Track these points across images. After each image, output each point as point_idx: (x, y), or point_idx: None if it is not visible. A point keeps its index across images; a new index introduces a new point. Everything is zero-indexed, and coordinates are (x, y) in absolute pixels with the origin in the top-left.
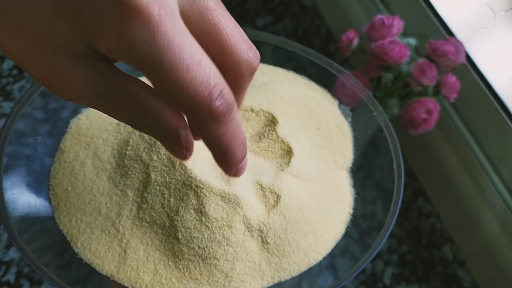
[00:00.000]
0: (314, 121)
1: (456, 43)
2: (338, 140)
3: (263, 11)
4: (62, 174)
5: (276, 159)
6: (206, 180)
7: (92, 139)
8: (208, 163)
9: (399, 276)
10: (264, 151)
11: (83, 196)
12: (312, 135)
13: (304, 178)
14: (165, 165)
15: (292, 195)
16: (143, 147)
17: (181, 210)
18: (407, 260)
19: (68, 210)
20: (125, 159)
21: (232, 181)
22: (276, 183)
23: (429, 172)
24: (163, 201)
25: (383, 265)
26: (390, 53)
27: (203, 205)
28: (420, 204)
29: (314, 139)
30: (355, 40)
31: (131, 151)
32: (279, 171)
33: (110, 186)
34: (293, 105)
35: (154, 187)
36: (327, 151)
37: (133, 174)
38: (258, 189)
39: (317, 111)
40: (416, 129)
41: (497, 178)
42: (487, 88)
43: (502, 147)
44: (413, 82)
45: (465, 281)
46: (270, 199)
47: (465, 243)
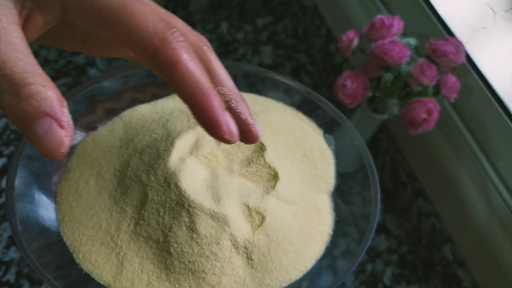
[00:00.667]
0: (299, 149)
1: (456, 43)
2: (321, 167)
3: (263, 11)
4: (67, 191)
5: (263, 182)
6: (198, 200)
7: (96, 159)
8: (201, 184)
9: (399, 276)
10: (252, 175)
11: (86, 212)
12: (297, 161)
13: (288, 201)
14: (162, 185)
15: (276, 216)
16: (142, 169)
17: (174, 227)
18: (407, 260)
19: (72, 224)
20: (126, 179)
21: (222, 201)
22: (262, 204)
23: (429, 172)
24: (158, 218)
25: (383, 265)
26: (390, 53)
27: (194, 223)
28: (420, 204)
29: (299, 165)
30: (355, 40)
31: (131, 172)
32: (265, 194)
33: (111, 203)
34: (281, 133)
35: (151, 205)
36: (310, 176)
37: (132, 193)
38: (245, 209)
39: (303, 139)
40: (416, 129)
41: (497, 178)
42: (487, 88)
43: (502, 147)
44: (413, 82)
45: (465, 281)
46: (256, 219)
47: (465, 243)
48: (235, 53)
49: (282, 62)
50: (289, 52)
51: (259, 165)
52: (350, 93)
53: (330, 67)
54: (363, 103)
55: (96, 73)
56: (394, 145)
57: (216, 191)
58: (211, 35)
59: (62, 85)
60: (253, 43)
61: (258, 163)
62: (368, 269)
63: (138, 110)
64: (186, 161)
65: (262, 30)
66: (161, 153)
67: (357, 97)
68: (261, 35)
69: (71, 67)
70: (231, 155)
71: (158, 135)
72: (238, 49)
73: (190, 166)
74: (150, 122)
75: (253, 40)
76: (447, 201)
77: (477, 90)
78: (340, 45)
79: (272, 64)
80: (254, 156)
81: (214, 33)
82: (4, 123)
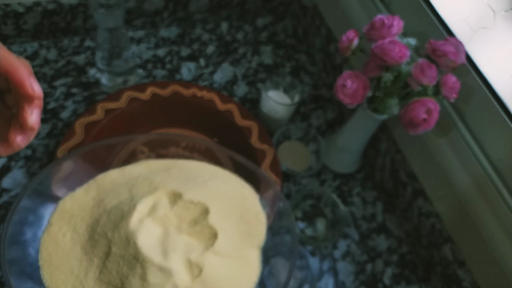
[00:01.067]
0: (238, 211)
1: (456, 43)
2: (255, 226)
3: (263, 11)
4: (48, 242)
5: (205, 240)
6: (150, 256)
7: (73, 216)
8: (154, 242)
9: (399, 276)
10: (197, 233)
11: (62, 260)
12: (235, 222)
13: (224, 256)
14: (123, 242)
15: (212, 269)
16: (109, 227)
17: (130, 276)
18: (407, 260)
19: (50, 269)
20: (95, 235)
21: (169, 256)
22: (201, 259)
23: (429, 172)
24: (118, 268)
25: (383, 265)
26: (390, 53)
27: (146, 274)
28: (420, 204)
29: (236, 225)
30: (355, 40)
31: (100, 229)
32: (205, 250)
33: (82, 254)
34: (224, 198)
35: (113, 257)
36: (245, 234)
37: (100, 246)
38: (187, 263)
39: (241, 203)
40: (416, 129)
41: (497, 178)
42: (487, 88)
43: (502, 147)
44: (413, 82)
45: (465, 281)
46: (195, 271)
47: (465, 243)
48: (235, 53)
49: (282, 62)
50: (289, 52)
51: (203, 226)
52: (350, 93)
53: (330, 67)
54: (363, 103)
55: (96, 73)
56: (394, 145)
57: (165, 247)
58: (211, 35)
59: (62, 85)
60: (253, 43)
61: (202, 224)
62: (368, 269)
63: (110, 175)
64: (144, 222)
65: (262, 30)
66: (125, 214)
67: (357, 97)
68: (261, 35)
69: (71, 67)
70: (181, 216)
71: (124, 197)
72: (238, 49)
73: (147, 227)
74: (119, 186)
75: (253, 40)
76: (447, 201)
77: (477, 90)
78: (340, 45)
79: (272, 64)
80: (199, 218)
81: (214, 33)
82: None
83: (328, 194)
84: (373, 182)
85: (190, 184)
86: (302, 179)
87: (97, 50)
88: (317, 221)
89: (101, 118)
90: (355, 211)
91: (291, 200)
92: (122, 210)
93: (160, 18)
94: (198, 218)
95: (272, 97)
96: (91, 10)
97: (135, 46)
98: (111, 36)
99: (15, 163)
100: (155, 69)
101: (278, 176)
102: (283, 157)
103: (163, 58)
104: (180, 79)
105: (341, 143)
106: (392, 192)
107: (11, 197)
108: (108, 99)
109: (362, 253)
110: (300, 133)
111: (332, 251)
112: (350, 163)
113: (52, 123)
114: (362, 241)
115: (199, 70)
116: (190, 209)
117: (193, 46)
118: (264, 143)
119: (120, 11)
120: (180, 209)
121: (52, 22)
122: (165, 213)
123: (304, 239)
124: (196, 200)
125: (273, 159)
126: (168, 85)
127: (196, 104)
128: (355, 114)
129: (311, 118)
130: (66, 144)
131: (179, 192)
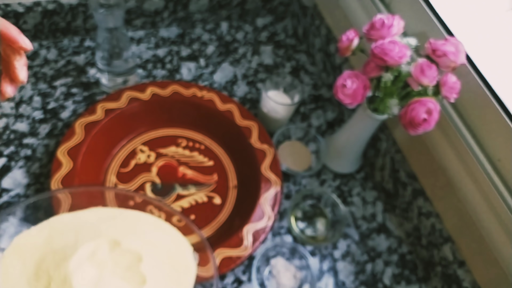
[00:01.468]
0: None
1: (456, 43)
2: (184, 276)
3: (263, 11)
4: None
5: (135, 285)
6: None
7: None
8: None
9: (399, 276)
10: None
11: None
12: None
13: None
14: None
15: None
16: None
17: None
18: (407, 260)
19: None
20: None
21: None
22: None
23: (429, 172)
24: None
25: (383, 265)
26: (390, 53)
27: None
28: (420, 204)
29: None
30: (355, 40)
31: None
32: None
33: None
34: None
35: None
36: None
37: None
38: None
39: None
40: (416, 129)
41: (497, 178)
42: (487, 88)
43: (502, 147)
44: (413, 82)
45: (465, 281)
46: None
47: (465, 243)
48: (235, 53)
49: (282, 62)
50: (289, 52)
51: (135, 272)
52: (350, 93)
53: (330, 67)
54: (363, 103)
55: (96, 73)
56: (394, 145)
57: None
58: (211, 35)
59: (62, 85)
60: (253, 43)
61: (134, 270)
62: (368, 269)
63: (62, 218)
64: (82, 265)
65: (262, 30)
66: (67, 256)
67: (357, 97)
68: (261, 35)
69: (71, 67)
70: (117, 262)
71: (70, 240)
72: (238, 49)
73: (84, 269)
74: (68, 230)
75: (253, 40)
76: (447, 201)
77: (477, 90)
78: (340, 45)
79: (272, 64)
80: (133, 265)
81: (214, 33)
82: (4, 123)
83: (328, 194)
84: (373, 182)
85: (130, 234)
86: (302, 179)
87: (97, 50)
88: (317, 221)
89: (101, 118)
90: (355, 211)
91: (291, 200)
92: (65, 252)
93: (160, 18)
94: (131, 265)
95: (272, 97)
96: (91, 10)
97: (135, 46)
98: (111, 36)
99: (15, 163)
100: (155, 69)
101: (278, 176)
102: (283, 157)
103: (163, 58)
104: (180, 79)
105: (341, 143)
106: (392, 192)
107: (10, 197)
108: (108, 99)
109: (362, 253)
110: (300, 133)
111: (332, 251)
112: (350, 163)
113: (52, 123)
114: (362, 241)
115: (199, 70)
116: (126, 256)
117: (193, 46)
118: (264, 143)
119: (120, 11)
120: (117, 255)
121: (52, 22)
122: (103, 258)
123: (304, 239)
124: (132, 248)
125: (273, 159)
126: (168, 85)
127: (196, 104)
128: (355, 114)
129: (311, 118)
130: (66, 144)
131: (118, 240)
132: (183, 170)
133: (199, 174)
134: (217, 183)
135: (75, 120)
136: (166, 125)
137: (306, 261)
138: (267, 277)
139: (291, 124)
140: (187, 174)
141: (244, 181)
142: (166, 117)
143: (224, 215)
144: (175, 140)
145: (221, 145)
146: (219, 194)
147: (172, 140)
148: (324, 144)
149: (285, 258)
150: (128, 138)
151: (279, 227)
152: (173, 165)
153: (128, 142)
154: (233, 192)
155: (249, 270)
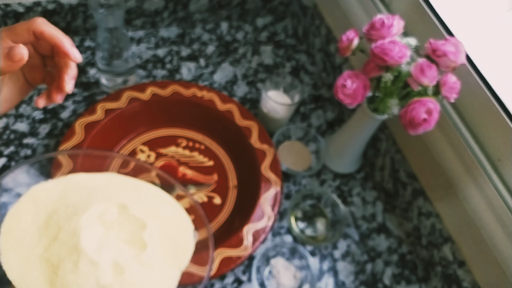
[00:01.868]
0: (170, 235)
1: (456, 43)
2: (182, 252)
3: (263, 11)
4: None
5: (135, 250)
6: (86, 249)
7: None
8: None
9: (399, 276)
10: (130, 242)
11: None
12: (165, 243)
13: (147, 267)
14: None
15: (133, 274)
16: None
17: (66, 260)
18: (407, 260)
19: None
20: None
21: (101, 254)
22: (127, 263)
23: (429, 172)
24: (59, 251)
25: (383, 265)
26: (390, 53)
27: (78, 261)
28: (420, 204)
29: (165, 246)
30: (355, 40)
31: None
32: (133, 257)
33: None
34: (162, 221)
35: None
36: (170, 256)
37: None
38: (114, 263)
39: (176, 229)
40: (416, 129)
41: (497, 178)
42: (487, 88)
43: (502, 147)
44: (413, 82)
45: (465, 281)
46: (118, 271)
47: (465, 243)
48: (235, 53)
49: (282, 62)
50: (289, 52)
51: (137, 238)
52: (350, 93)
53: (330, 67)
54: (363, 103)
55: (96, 73)
56: (394, 145)
57: (101, 246)
58: (211, 35)
59: None
60: (253, 43)
61: (137, 236)
62: (368, 269)
63: (79, 176)
64: (91, 222)
65: (262, 30)
66: (78, 212)
67: (357, 97)
68: (261, 35)
69: None
70: (123, 225)
71: (83, 198)
72: (238, 49)
73: (93, 226)
74: (82, 188)
75: (253, 40)
76: (447, 201)
77: (477, 90)
78: (340, 45)
79: (272, 64)
80: (137, 231)
81: (214, 33)
82: (4, 123)
83: (328, 194)
84: (373, 182)
85: (138, 202)
86: (302, 179)
87: (97, 50)
88: (317, 221)
89: (101, 118)
90: (355, 211)
91: (291, 200)
92: (78, 207)
93: (160, 18)
94: (135, 231)
95: (272, 97)
96: (91, 10)
97: (135, 46)
98: (111, 36)
99: (15, 163)
100: (155, 69)
101: (278, 176)
102: (283, 157)
103: (163, 58)
104: (180, 79)
105: (341, 143)
106: (392, 192)
107: None
108: (108, 99)
109: (362, 253)
110: (300, 133)
111: (332, 251)
112: (350, 163)
113: (52, 123)
114: (362, 241)
115: (199, 70)
116: (132, 221)
117: (193, 46)
118: (264, 143)
119: (120, 11)
120: (124, 219)
121: (52, 22)
122: (111, 219)
123: (304, 239)
124: (138, 215)
125: (273, 159)
126: (168, 85)
127: (196, 104)
128: (355, 114)
129: (311, 118)
130: (66, 144)
131: (127, 206)
132: (183, 170)
133: (199, 174)
134: (217, 183)
135: (75, 120)
136: (166, 125)
137: (306, 261)
138: (267, 277)
139: (291, 124)
140: (187, 174)
141: (244, 181)
142: (166, 117)
143: (224, 215)
144: (175, 140)
145: (221, 145)
146: (219, 194)
147: (172, 140)
148: (324, 144)
149: (285, 258)
150: (128, 138)
151: (279, 227)
152: (173, 165)
153: (128, 142)
154: (233, 192)
155: (249, 270)
